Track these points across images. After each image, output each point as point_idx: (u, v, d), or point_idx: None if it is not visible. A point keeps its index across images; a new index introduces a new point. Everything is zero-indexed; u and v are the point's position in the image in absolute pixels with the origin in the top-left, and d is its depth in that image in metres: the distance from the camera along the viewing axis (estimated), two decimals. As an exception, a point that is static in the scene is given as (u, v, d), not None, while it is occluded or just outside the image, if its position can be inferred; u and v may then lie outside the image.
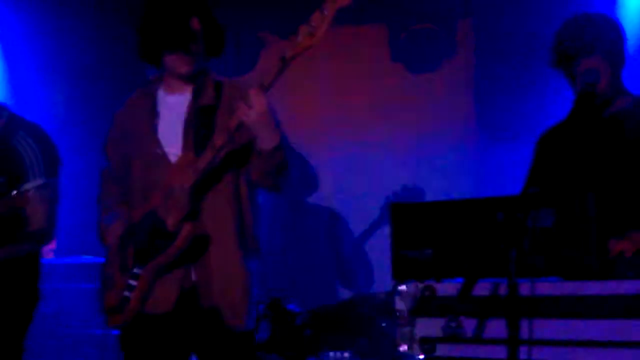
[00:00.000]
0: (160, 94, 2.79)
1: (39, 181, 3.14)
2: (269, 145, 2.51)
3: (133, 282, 2.60)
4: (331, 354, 3.61)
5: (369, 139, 4.73)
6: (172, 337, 2.64)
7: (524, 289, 2.09)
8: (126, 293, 2.60)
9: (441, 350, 2.28)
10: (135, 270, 2.60)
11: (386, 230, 2.50)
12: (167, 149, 2.67)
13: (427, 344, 2.30)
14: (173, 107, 2.73)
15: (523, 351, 2.04)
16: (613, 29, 2.74)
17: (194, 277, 2.61)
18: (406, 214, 2.39)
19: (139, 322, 2.63)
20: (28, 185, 3.09)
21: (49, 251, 4.42)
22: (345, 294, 4.67)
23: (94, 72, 4.99)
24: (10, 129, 3.22)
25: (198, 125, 2.65)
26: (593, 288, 2.07)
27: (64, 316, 4.27)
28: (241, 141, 2.58)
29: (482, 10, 4.64)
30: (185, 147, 2.64)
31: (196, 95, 2.72)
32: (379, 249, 4.54)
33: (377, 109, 4.77)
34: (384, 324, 3.88)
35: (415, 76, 4.79)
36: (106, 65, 5.02)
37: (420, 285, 2.32)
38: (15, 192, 2.99)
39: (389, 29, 4.73)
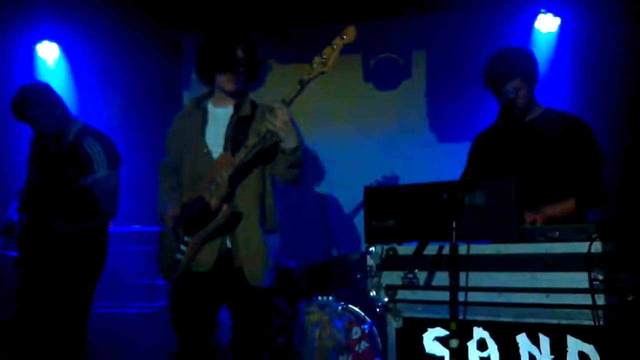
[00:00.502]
0: (210, 106, 2.75)
1: (103, 172, 3.13)
2: (291, 146, 2.49)
3: (183, 247, 2.59)
4: (319, 298, 3.62)
5: (349, 139, 4.73)
6: (209, 290, 2.63)
7: (462, 249, 2.11)
8: (178, 256, 2.60)
9: (401, 294, 2.30)
10: (185, 239, 2.59)
11: (361, 206, 2.49)
12: (211, 149, 2.64)
13: (390, 290, 2.31)
14: (219, 117, 2.70)
15: (461, 295, 2.05)
16: (529, 58, 2.74)
17: (227, 245, 2.60)
18: (375, 195, 2.40)
19: (187, 277, 2.62)
20: (96, 175, 3.09)
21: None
22: (330, 253, 4.67)
23: (143, 87, 4.95)
24: (81, 134, 3.21)
25: (236, 132, 2.63)
26: (513, 249, 2.09)
27: (120, 271, 4.24)
28: (268, 144, 2.56)
29: (433, 44, 4.63)
30: (225, 147, 2.62)
31: (237, 109, 2.69)
32: (357, 220, 4.56)
33: (355, 116, 4.76)
34: (358, 276, 3.88)
35: (381, 92, 4.78)
36: (152, 82, 4.98)
37: (386, 247, 2.32)
38: (93, 176, 3.01)
39: (362, 57, 4.73)
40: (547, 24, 4.38)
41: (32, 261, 3.18)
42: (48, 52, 5.03)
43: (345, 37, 2.37)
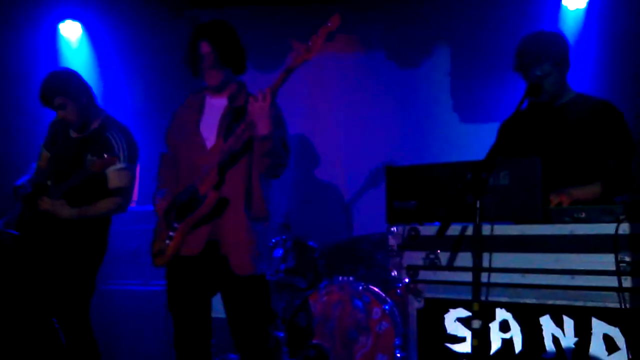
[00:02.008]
0: (207, 98, 2.78)
1: (123, 164, 3.14)
2: (262, 132, 2.50)
3: (172, 233, 2.61)
4: (340, 278, 3.61)
5: (371, 118, 4.68)
6: (198, 275, 2.64)
7: (486, 230, 2.09)
8: (167, 242, 2.62)
9: (422, 275, 2.29)
10: (175, 225, 2.61)
11: (382, 185, 2.47)
12: (206, 139, 2.66)
13: (412, 270, 2.31)
14: (213, 107, 2.73)
15: (484, 276, 2.04)
16: (562, 42, 2.67)
17: (216, 230, 2.60)
18: (397, 174, 2.38)
19: (176, 262, 2.64)
20: (117, 164, 3.08)
21: (131, 202, 4.43)
22: (350, 233, 4.66)
23: (165, 67, 4.96)
24: (105, 125, 3.22)
25: (229, 121, 2.64)
26: (538, 230, 2.06)
27: (144, 248, 4.29)
28: (254, 133, 2.55)
29: (457, 22, 4.55)
30: (217, 136, 2.64)
31: (231, 100, 2.72)
32: (377, 200, 4.52)
33: (376, 95, 4.72)
34: (379, 257, 3.87)
35: (404, 71, 4.73)
36: (174, 62, 4.97)
37: (407, 227, 2.31)
38: (106, 154, 2.99)
39: (385, 35, 4.67)
40: (575, 1, 4.27)
41: (34, 243, 3.18)
42: (71, 31, 5.05)
43: (330, 24, 2.46)
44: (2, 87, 4.56)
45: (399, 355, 3.28)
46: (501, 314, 2.14)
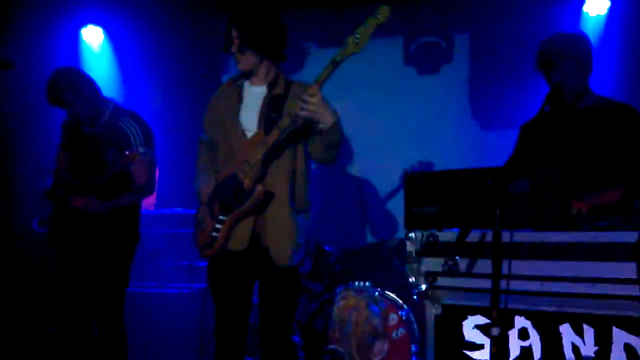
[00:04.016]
0: (246, 84, 2.74)
1: (140, 150, 3.16)
2: (329, 122, 2.46)
3: (219, 226, 2.60)
4: (356, 283, 3.61)
5: (389, 123, 4.68)
6: (243, 269, 2.65)
7: (505, 237, 2.07)
8: (214, 234, 2.61)
9: (440, 281, 2.27)
10: (220, 217, 2.60)
11: (400, 191, 2.46)
12: (245, 128, 2.65)
13: (430, 277, 2.29)
14: (253, 95, 2.70)
15: (503, 283, 2.02)
16: (585, 43, 2.66)
17: (260, 223, 2.61)
18: (416, 180, 2.36)
19: (223, 256, 2.64)
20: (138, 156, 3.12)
21: (150, 205, 4.48)
22: (368, 239, 4.66)
23: (185, 71, 5.01)
24: (116, 114, 3.25)
25: (270, 111, 2.62)
26: (558, 237, 2.04)
27: (161, 252, 4.32)
28: (300, 125, 2.54)
29: (476, 27, 4.54)
30: (258, 127, 2.62)
31: (271, 88, 2.68)
32: (395, 206, 4.53)
33: (395, 100, 4.71)
34: (396, 262, 3.86)
35: (422, 77, 4.72)
36: (194, 65, 5.02)
37: (426, 233, 2.30)
38: (127, 152, 3.03)
39: (403, 40, 4.67)
40: (596, 7, 4.24)
41: (67, 240, 3.23)
42: (93, 37, 5.12)
43: (379, 16, 2.32)
44: (24, 92, 4.63)
45: (415, 361, 3.27)
46: (520, 321, 2.12)
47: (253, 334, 2.88)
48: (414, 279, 2.32)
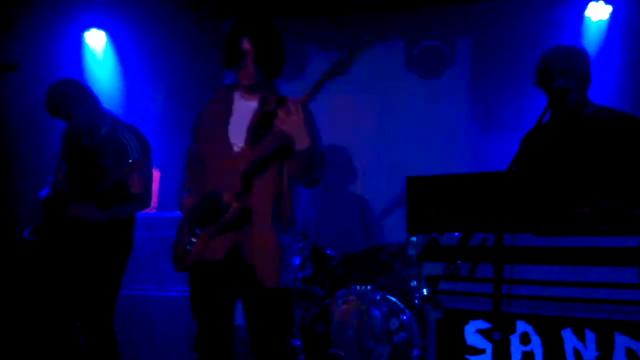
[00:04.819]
0: (237, 97, 2.69)
1: (138, 160, 3.17)
2: (302, 147, 2.42)
3: (194, 240, 2.56)
4: (357, 287, 3.61)
5: (391, 127, 4.69)
6: (222, 282, 2.59)
7: (506, 241, 2.07)
8: (188, 247, 2.58)
9: (442, 285, 2.28)
10: (197, 231, 2.56)
11: (402, 195, 2.46)
12: (233, 142, 2.59)
13: (431, 281, 2.29)
14: (244, 110, 2.64)
15: (504, 288, 2.03)
16: (583, 57, 2.66)
17: (240, 239, 2.54)
18: (417, 184, 2.37)
19: (199, 266, 2.59)
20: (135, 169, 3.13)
21: (151, 208, 4.47)
22: (368, 243, 4.65)
23: (188, 75, 5.02)
24: (115, 127, 3.26)
25: (258, 127, 2.56)
26: (559, 242, 2.05)
27: (162, 254, 4.32)
28: (286, 141, 2.47)
29: (478, 32, 4.54)
30: (246, 142, 2.56)
31: (262, 104, 2.62)
32: (396, 209, 4.53)
33: (396, 104, 4.72)
34: (397, 266, 3.85)
35: (424, 81, 4.72)
36: (197, 70, 5.03)
37: (427, 237, 2.30)
38: (130, 160, 3.05)
39: (405, 45, 4.68)
40: (598, 12, 4.25)
41: (58, 248, 3.21)
42: (96, 40, 5.13)
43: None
44: (27, 96, 4.64)
45: (416, 366, 3.26)
46: (522, 326, 2.12)
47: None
48: (415, 283, 2.32)
